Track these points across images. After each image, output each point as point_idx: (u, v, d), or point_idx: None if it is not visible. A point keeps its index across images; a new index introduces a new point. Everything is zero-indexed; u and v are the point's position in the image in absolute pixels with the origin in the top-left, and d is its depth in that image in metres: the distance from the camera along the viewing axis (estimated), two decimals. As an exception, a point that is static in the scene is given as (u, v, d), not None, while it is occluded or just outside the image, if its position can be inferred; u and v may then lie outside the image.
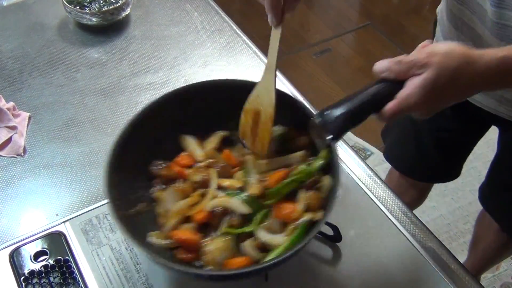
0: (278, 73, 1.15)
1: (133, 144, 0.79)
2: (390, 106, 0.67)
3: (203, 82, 0.88)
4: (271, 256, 0.71)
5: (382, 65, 0.70)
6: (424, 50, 0.67)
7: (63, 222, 0.86)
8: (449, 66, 0.65)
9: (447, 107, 0.70)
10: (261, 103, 0.79)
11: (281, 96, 0.80)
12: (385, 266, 0.84)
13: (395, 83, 0.68)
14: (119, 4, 1.22)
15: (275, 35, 0.77)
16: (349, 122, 0.69)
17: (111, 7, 1.22)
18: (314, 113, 0.73)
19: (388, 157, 1.40)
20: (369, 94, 0.69)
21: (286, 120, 0.82)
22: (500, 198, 1.26)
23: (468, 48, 0.67)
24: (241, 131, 0.83)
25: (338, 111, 0.69)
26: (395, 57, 0.69)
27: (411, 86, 0.66)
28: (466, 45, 0.67)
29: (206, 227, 0.76)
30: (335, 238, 0.84)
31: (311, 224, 0.73)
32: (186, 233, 0.75)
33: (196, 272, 0.72)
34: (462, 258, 1.58)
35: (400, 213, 0.91)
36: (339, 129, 0.69)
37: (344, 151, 1.00)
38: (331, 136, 0.70)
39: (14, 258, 0.81)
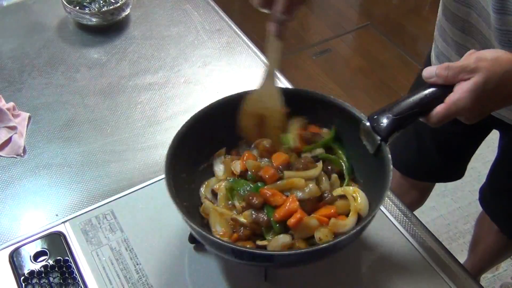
0: (278, 73, 1.16)
1: (192, 137, 0.80)
2: (438, 110, 0.69)
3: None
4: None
5: (430, 71, 0.71)
6: (473, 56, 0.68)
7: (63, 222, 0.86)
8: (498, 71, 0.67)
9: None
10: (266, 108, 0.81)
11: (329, 101, 0.82)
12: (385, 266, 0.84)
13: (444, 88, 0.70)
14: (119, 4, 1.22)
15: (276, 46, 0.79)
16: (397, 125, 0.72)
17: (111, 7, 1.22)
18: (363, 117, 0.76)
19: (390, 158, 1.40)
20: (417, 98, 0.71)
21: (333, 123, 0.84)
22: (500, 201, 1.26)
23: None
24: (243, 131, 0.83)
25: (386, 115, 0.72)
26: (443, 63, 0.70)
27: (461, 90, 0.67)
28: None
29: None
30: (335, 238, 0.84)
31: None
32: None
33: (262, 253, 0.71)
34: (462, 258, 1.58)
35: (400, 213, 0.91)
36: (388, 132, 0.72)
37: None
38: (380, 138, 0.73)
39: (14, 258, 0.81)
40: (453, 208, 2.06)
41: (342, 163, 0.82)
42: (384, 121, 0.72)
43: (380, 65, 2.59)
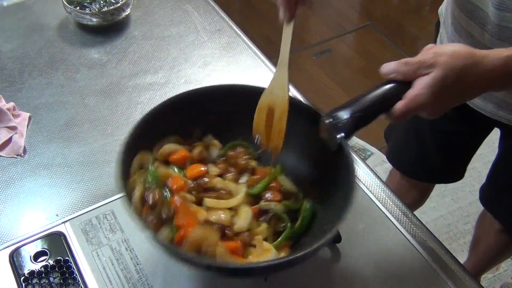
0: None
1: (149, 132, 0.79)
2: (399, 106, 0.68)
3: (225, 85, 0.89)
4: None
5: (389, 67, 0.71)
6: (431, 51, 0.68)
7: (63, 223, 0.86)
8: (456, 65, 0.66)
9: (452, 109, 0.71)
10: (275, 99, 0.79)
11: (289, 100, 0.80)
12: (385, 267, 0.84)
13: (403, 84, 0.69)
14: (119, 4, 1.22)
15: (287, 30, 0.77)
16: (359, 122, 0.71)
17: (111, 7, 1.22)
18: (323, 114, 0.74)
19: (391, 158, 1.40)
20: (377, 94, 0.71)
21: (293, 122, 0.81)
22: (501, 200, 1.26)
23: (472, 49, 0.68)
24: (254, 128, 0.82)
25: (347, 111, 0.70)
26: (401, 59, 0.70)
27: (419, 86, 0.67)
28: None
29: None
30: (334, 238, 0.84)
31: None
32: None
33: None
34: (462, 258, 1.58)
35: (400, 213, 0.91)
36: (350, 128, 0.71)
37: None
38: (342, 135, 0.71)
39: (14, 259, 0.81)
40: (454, 208, 2.06)
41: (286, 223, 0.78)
42: (346, 118, 0.70)
43: (381, 65, 2.58)
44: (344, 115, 0.70)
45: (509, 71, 0.68)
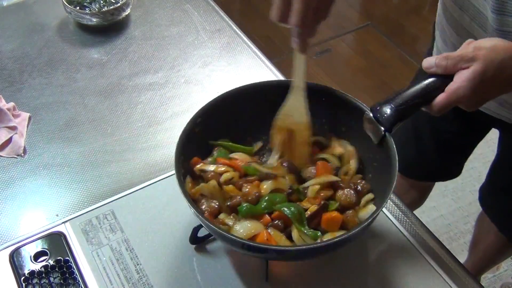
0: (278, 73, 1.16)
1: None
2: (440, 99, 0.70)
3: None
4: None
5: (430, 61, 0.72)
6: (470, 46, 0.70)
7: (63, 223, 0.86)
8: (495, 59, 0.68)
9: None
10: (293, 123, 0.83)
11: (333, 94, 0.85)
12: (385, 266, 0.84)
13: (444, 77, 0.71)
14: (119, 4, 1.22)
15: (301, 58, 0.79)
16: (401, 115, 0.73)
17: (111, 7, 1.22)
18: (366, 108, 0.78)
19: None
20: (419, 88, 0.73)
21: (337, 116, 0.86)
22: (499, 200, 1.26)
23: (510, 42, 0.69)
24: (277, 147, 0.85)
25: (389, 105, 0.73)
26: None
27: (460, 79, 0.69)
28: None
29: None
30: (335, 238, 0.85)
31: None
32: None
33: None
34: (462, 258, 1.58)
35: (400, 213, 0.91)
36: (392, 122, 0.73)
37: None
38: (384, 129, 0.74)
39: (14, 259, 0.81)
40: (454, 208, 2.06)
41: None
42: (387, 112, 0.73)
43: (381, 65, 2.59)
44: (387, 109, 0.73)
45: None
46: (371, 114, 0.75)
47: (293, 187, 0.80)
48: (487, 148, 1.30)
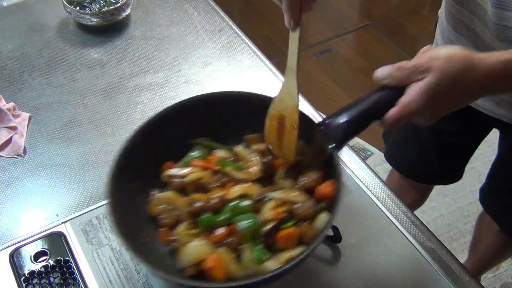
0: (278, 73, 1.16)
1: (140, 150, 0.79)
2: (392, 113, 0.66)
3: (217, 93, 0.88)
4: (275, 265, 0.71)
5: (383, 72, 0.69)
6: (425, 55, 0.66)
7: (63, 223, 0.86)
8: (451, 70, 0.64)
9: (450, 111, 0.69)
10: (285, 108, 0.77)
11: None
12: (385, 267, 0.84)
13: (397, 90, 0.67)
14: (119, 4, 1.22)
15: (294, 37, 0.75)
16: (351, 130, 0.69)
17: (111, 7, 1.22)
18: (316, 121, 0.74)
19: (389, 158, 1.40)
20: (370, 101, 0.69)
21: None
22: (500, 200, 1.26)
23: (469, 52, 0.66)
24: (267, 137, 0.81)
25: (340, 119, 0.69)
26: (396, 63, 0.68)
27: (413, 92, 0.65)
28: (467, 48, 0.67)
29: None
30: (335, 238, 0.84)
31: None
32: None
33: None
34: (462, 258, 1.58)
35: (400, 213, 0.91)
36: (342, 137, 0.69)
37: (344, 151, 1.00)
38: (334, 144, 0.70)
39: (14, 259, 0.81)
40: (454, 208, 2.06)
41: None
42: (338, 127, 0.69)
43: (381, 65, 2.55)
44: (336, 124, 0.69)
45: (506, 75, 0.66)
46: (320, 129, 0.71)
47: (263, 196, 0.76)
48: (487, 148, 1.30)
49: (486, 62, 0.65)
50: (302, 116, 0.78)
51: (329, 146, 0.70)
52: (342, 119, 0.69)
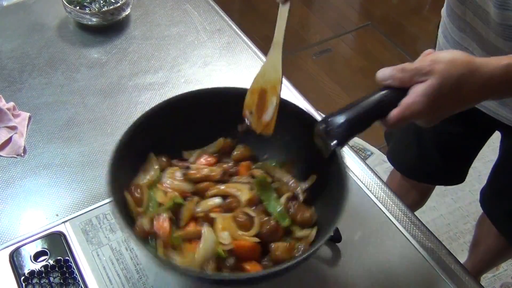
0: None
1: (136, 143, 0.79)
2: (394, 113, 0.67)
3: (208, 89, 0.88)
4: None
5: (385, 73, 0.69)
6: (428, 58, 0.67)
7: (63, 222, 0.86)
8: (453, 74, 0.65)
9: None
10: (267, 80, 0.78)
11: (284, 104, 0.79)
12: (385, 266, 0.84)
13: (399, 90, 0.68)
14: (119, 4, 1.22)
15: (283, 10, 0.75)
16: (353, 129, 0.70)
17: (111, 7, 1.22)
18: (318, 119, 0.74)
19: (391, 159, 1.40)
20: (373, 101, 0.69)
21: (289, 128, 0.81)
22: (500, 203, 1.26)
23: (471, 56, 0.67)
24: (245, 109, 0.81)
25: (342, 118, 0.69)
26: (398, 64, 0.69)
27: (415, 93, 0.66)
28: (472, 47, 0.67)
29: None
30: (335, 238, 0.84)
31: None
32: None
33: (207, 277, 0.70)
34: (462, 258, 1.58)
35: (400, 213, 0.91)
36: (343, 136, 0.70)
37: (344, 151, 1.00)
38: (335, 142, 0.70)
39: (14, 258, 0.81)
40: (454, 208, 2.06)
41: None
42: (340, 125, 0.69)
43: (380, 65, 2.55)
44: (338, 121, 0.69)
45: (507, 80, 0.67)
46: (321, 127, 0.71)
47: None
48: (487, 148, 1.30)
49: (487, 67, 0.66)
50: (304, 114, 0.78)
51: (331, 144, 0.70)
52: (344, 117, 0.69)
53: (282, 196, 0.78)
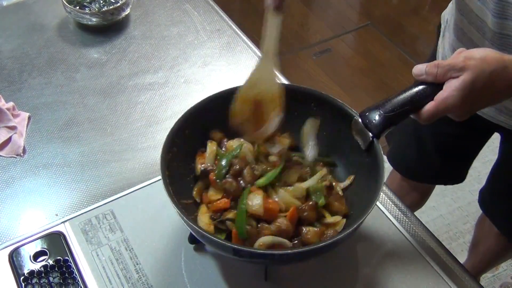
0: (278, 73, 1.15)
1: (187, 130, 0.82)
2: (428, 107, 0.70)
3: None
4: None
5: (420, 68, 0.72)
6: (461, 55, 0.70)
7: (62, 222, 0.86)
8: (486, 70, 0.68)
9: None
10: (263, 92, 0.79)
11: (321, 97, 0.84)
12: (384, 266, 0.84)
13: (433, 86, 0.71)
14: (119, 4, 1.22)
15: (274, 21, 0.76)
16: (389, 121, 0.73)
17: (111, 7, 1.22)
18: (355, 113, 0.78)
19: (391, 159, 1.40)
20: (408, 95, 0.73)
21: (326, 121, 0.84)
22: (500, 203, 1.26)
23: (500, 54, 0.69)
24: (234, 117, 0.81)
25: (378, 111, 0.73)
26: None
27: (450, 88, 0.69)
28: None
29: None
30: (335, 238, 0.84)
31: None
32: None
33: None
34: (461, 258, 1.58)
35: (400, 213, 0.91)
36: (380, 128, 0.74)
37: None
38: (373, 135, 0.74)
39: (14, 258, 0.81)
40: (453, 208, 2.06)
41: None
42: (376, 118, 0.73)
43: (380, 65, 2.59)
44: (375, 115, 0.73)
45: None
46: (359, 120, 0.75)
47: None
48: (487, 148, 1.30)
49: None
50: (341, 108, 0.81)
51: (369, 136, 0.74)
52: (381, 111, 0.73)
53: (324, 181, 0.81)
